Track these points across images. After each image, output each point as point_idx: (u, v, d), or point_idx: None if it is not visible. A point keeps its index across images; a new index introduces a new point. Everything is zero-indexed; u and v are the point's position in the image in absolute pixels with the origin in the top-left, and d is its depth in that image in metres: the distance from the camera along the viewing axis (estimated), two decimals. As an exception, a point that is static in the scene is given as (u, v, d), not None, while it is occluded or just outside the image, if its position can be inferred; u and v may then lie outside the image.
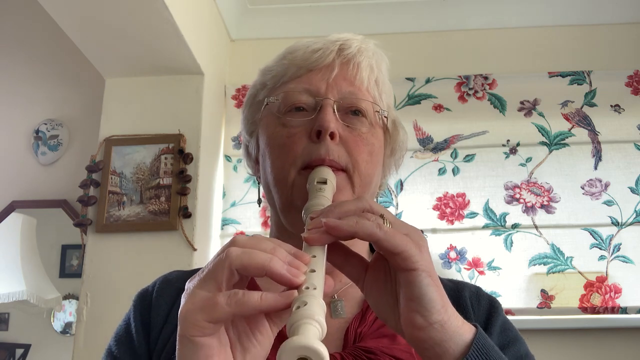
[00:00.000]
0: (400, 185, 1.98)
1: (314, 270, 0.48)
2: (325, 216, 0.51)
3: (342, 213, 0.51)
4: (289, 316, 0.45)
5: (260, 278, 0.53)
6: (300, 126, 0.70)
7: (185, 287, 0.49)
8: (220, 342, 0.48)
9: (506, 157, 2.00)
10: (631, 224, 1.89)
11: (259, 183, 0.78)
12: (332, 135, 0.67)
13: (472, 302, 0.72)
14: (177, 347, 0.48)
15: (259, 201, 0.81)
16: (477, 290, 0.74)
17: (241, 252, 0.47)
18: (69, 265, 2.11)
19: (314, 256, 0.50)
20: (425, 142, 2.04)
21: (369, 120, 0.72)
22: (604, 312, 1.80)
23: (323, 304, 0.46)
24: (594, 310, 1.80)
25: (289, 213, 0.70)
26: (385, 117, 0.74)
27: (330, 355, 0.62)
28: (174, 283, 0.74)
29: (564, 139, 2.00)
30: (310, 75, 0.72)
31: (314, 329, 0.43)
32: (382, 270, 0.54)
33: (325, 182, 0.64)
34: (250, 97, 0.80)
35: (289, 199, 0.69)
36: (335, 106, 0.69)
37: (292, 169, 0.68)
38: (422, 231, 0.55)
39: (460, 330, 0.50)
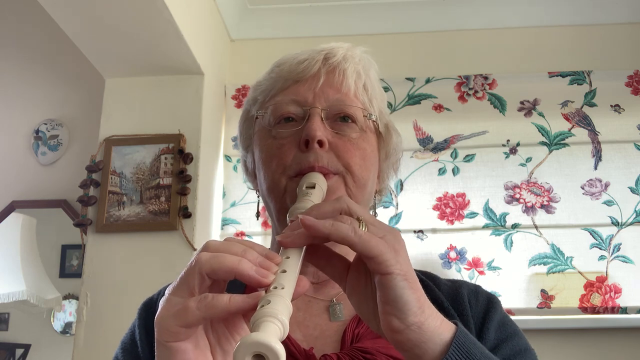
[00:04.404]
0: (400, 185, 1.98)
1: (285, 271, 0.48)
2: (305, 215, 0.52)
3: (319, 214, 0.52)
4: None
5: None
6: (289, 136, 0.71)
7: (165, 293, 0.50)
8: (198, 346, 0.48)
9: (506, 157, 2.00)
10: (631, 224, 1.89)
11: (258, 196, 0.79)
12: (320, 143, 0.68)
13: (469, 298, 0.72)
14: (156, 353, 0.49)
15: (257, 214, 0.81)
16: (476, 288, 0.75)
17: (210, 257, 0.47)
18: (69, 265, 2.11)
19: (288, 257, 0.50)
20: (425, 142, 2.04)
21: (359, 125, 0.72)
22: (604, 312, 1.80)
23: (289, 304, 0.46)
24: (594, 310, 1.80)
25: (283, 220, 0.70)
26: (374, 121, 0.75)
27: (327, 356, 0.63)
28: None
29: (564, 139, 2.00)
30: (298, 86, 0.73)
31: (273, 326, 0.43)
32: (362, 272, 0.54)
33: (313, 187, 0.64)
34: (244, 113, 0.81)
35: (283, 205, 0.70)
36: (323, 114, 0.70)
37: (283, 177, 0.69)
38: (399, 231, 0.54)
39: (439, 330, 0.51)
